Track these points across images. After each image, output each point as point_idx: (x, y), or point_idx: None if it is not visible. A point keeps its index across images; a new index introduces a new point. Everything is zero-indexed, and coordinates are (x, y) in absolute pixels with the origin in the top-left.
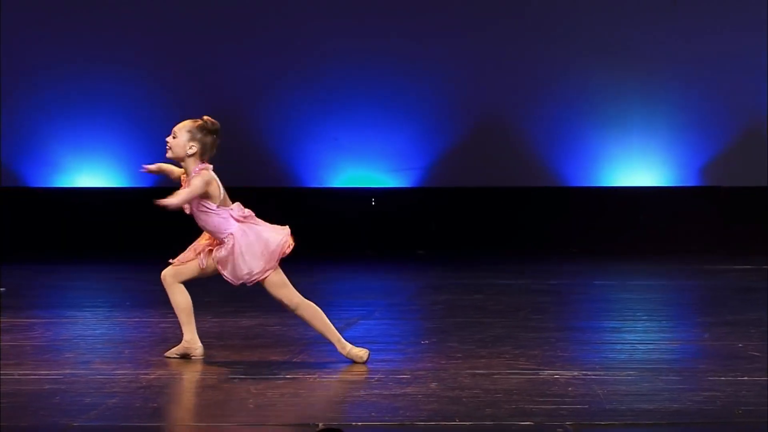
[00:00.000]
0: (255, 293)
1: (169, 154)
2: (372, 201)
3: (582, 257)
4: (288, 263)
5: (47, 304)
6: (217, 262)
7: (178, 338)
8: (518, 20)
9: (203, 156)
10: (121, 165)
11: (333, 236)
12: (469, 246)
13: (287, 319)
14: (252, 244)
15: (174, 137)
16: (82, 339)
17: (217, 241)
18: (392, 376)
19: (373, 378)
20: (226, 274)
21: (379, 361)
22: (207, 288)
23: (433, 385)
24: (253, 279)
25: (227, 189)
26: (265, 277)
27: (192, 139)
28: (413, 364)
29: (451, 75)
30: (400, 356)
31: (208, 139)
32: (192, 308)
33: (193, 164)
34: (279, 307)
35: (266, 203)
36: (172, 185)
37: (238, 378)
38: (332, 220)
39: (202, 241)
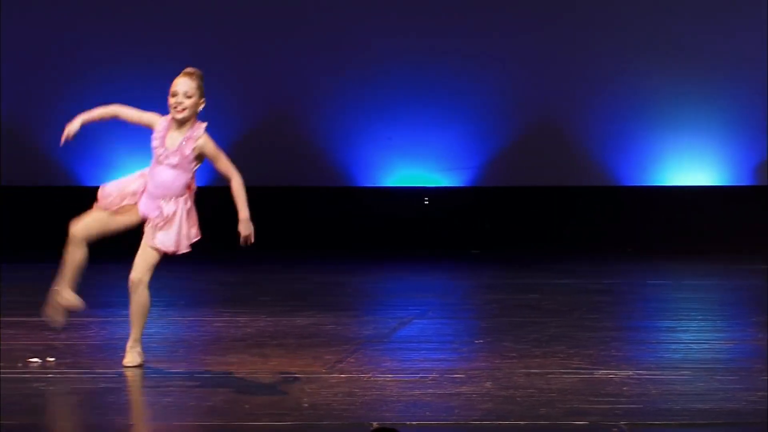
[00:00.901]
0: (309, 293)
1: (182, 116)
2: (425, 200)
3: (635, 257)
4: (341, 262)
5: (102, 302)
6: (162, 217)
7: (233, 336)
8: (572, 21)
9: None
10: None
11: (387, 235)
12: (523, 245)
13: (341, 319)
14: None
15: (189, 96)
16: None
17: (160, 194)
18: (447, 376)
19: (427, 377)
20: (163, 233)
21: (434, 361)
22: (262, 287)
23: (488, 384)
24: (178, 250)
25: (281, 188)
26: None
27: (202, 95)
28: (468, 364)
29: (504, 74)
30: (455, 355)
31: None
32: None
33: (192, 122)
34: (334, 307)
35: (320, 202)
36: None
37: (293, 377)
38: (386, 220)
39: (131, 186)
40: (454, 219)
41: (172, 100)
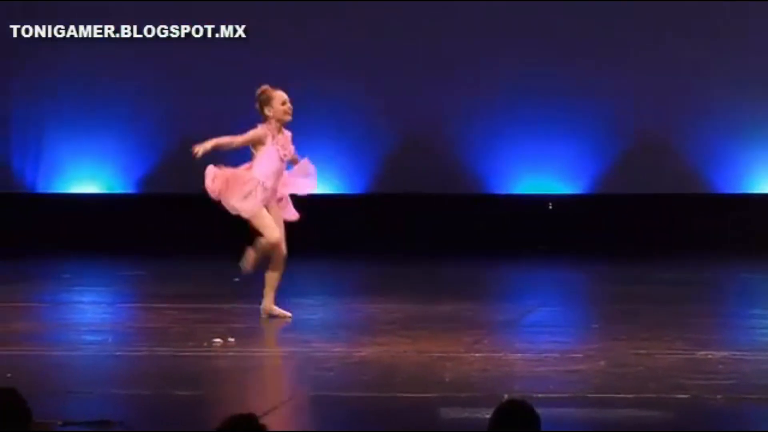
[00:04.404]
0: (451, 284)
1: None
2: (549, 205)
3: (731, 254)
4: (478, 258)
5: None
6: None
7: (385, 320)
8: (679, 49)
9: None
10: (330, 172)
11: (516, 236)
12: (633, 245)
13: (478, 306)
14: None
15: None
16: (302, 322)
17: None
18: (567, 355)
19: (550, 356)
20: None
21: (556, 342)
22: (410, 279)
23: (602, 362)
24: None
25: (426, 195)
26: None
27: None
28: (585, 345)
29: (613, 97)
30: (574, 338)
31: None
32: None
33: None
34: (471, 297)
35: (459, 207)
36: None
37: (437, 355)
38: (515, 222)
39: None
40: (573, 222)
41: (289, 106)
